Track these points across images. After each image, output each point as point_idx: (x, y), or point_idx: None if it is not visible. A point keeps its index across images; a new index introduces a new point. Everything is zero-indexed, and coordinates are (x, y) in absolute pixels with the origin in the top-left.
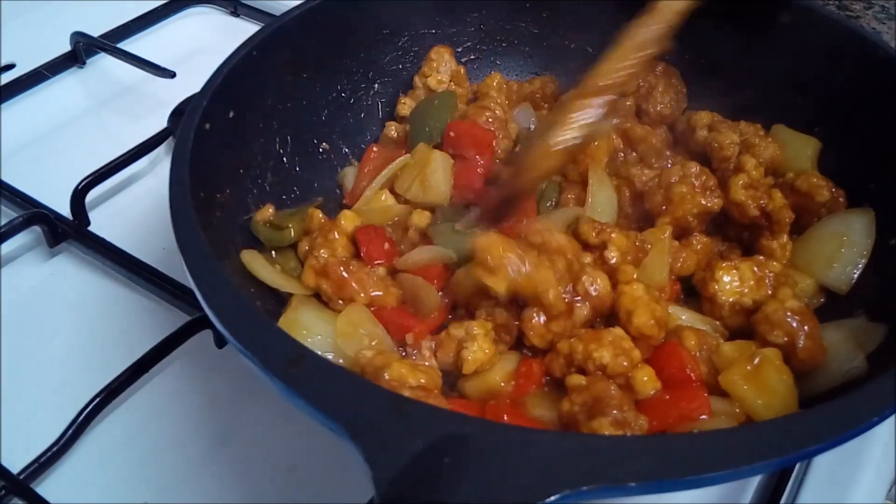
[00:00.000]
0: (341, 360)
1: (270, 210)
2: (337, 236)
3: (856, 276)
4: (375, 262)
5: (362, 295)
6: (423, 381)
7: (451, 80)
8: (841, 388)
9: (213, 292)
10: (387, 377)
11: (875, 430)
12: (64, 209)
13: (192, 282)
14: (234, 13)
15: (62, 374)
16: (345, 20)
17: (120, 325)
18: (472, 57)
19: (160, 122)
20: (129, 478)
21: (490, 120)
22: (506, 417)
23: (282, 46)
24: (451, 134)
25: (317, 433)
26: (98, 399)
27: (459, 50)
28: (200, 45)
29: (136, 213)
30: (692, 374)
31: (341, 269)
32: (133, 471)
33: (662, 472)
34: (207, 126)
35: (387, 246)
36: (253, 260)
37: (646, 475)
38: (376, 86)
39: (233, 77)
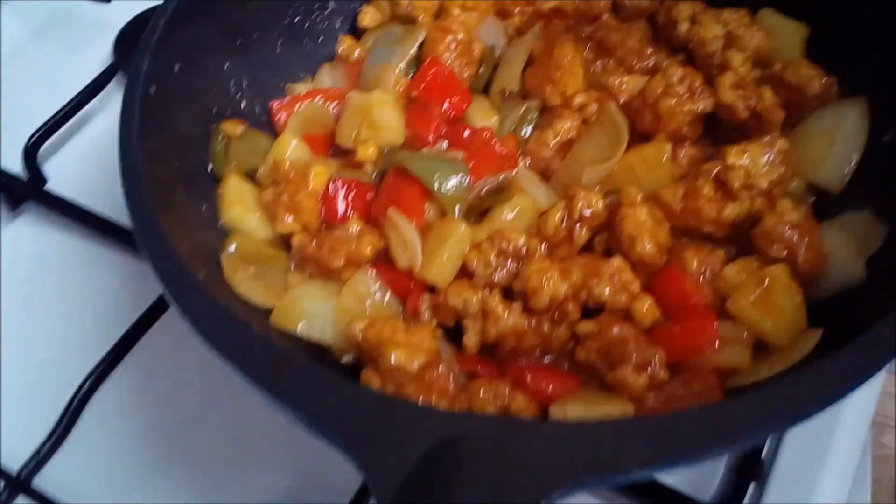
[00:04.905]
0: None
1: (240, 129)
2: (304, 198)
3: (849, 173)
4: (349, 216)
5: (342, 259)
6: (422, 360)
7: None
8: (840, 296)
9: (187, 298)
10: (384, 367)
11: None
12: (16, 165)
13: (163, 289)
14: None
15: (47, 352)
16: None
17: (95, 289)
18: None
19: (102, 51)
20: (128, 450)
21: (452, 46)
22: (529, 377)
23: None
24: (414, 94)
25: None
26: (87, 383)
27: None
28: None
29: (94, 160)
30: (696, 303)
31: (312, 243)
32: (134, 439)
33: (663, 455)
34: (153, 90)
35: (369, 196)
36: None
37: (649, 460)
38: (331, 3)
39: (172, 25)
